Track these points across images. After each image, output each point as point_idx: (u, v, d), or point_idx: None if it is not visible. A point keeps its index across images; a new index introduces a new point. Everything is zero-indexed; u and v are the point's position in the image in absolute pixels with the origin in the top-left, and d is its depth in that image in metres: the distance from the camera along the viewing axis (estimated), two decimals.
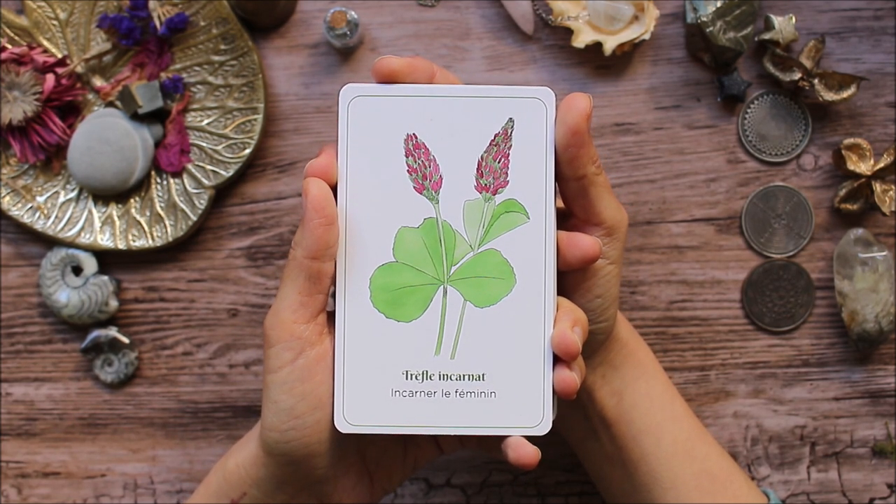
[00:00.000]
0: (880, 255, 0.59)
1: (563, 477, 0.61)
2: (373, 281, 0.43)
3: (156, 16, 0.59)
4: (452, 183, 0.43)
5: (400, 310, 0.43)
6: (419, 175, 0.43)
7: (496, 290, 0.43)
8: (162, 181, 0.61)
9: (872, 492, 0.61)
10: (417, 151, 0.43)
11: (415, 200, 0.43)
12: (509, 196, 0.43)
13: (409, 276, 0.43)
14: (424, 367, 0.43)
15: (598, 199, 0.43)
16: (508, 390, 0.43)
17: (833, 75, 0.59)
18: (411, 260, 0.43)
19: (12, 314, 0.62)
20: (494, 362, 0.43)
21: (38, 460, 0.62)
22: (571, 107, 0.41)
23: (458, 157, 0.43)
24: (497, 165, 0.43)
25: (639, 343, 0.51)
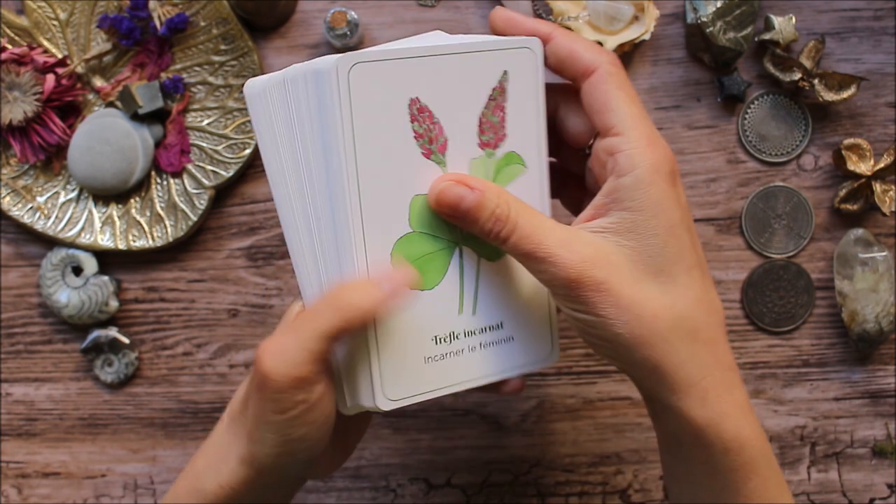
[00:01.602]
0: (880, 255, 0.59)
1: (563, 477, 0.61)
2: (394, 255, 0.42)
3: (156, 16, 0.59)
4: (456, 143, 0.42)
5: (423, 279, 0.43)
6: (425, 140, 0.42)
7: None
8: (162, 181, 0.61)
9: (872, 492, 0.61)
10: (422, 115, 0.42)
11: (424, 167, 0.42)
12: (509, 149, 0.43)
13: (427, 243, 0.43)
14: (451, 329, 0.44)
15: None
16: (523, 332, 0.45)
17: (833, 75, 0.59)
18: (427, 227, 0.42)
19: (12, 314, 0.62)
20: (509, 309, 0.45)
21: (38, 460, 0.62)
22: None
23: (460, 117, 0.42)
24: (496, 120, 0.43)
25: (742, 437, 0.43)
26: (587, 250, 0.40)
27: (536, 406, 0.61)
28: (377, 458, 0.61)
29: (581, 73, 0.42)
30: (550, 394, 0.61)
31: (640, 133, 0.40)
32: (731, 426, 0.41)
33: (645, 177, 0.40)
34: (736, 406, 0.42)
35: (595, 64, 0.41)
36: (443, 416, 0.61)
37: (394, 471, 0.61)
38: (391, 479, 0.61)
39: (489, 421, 0.61)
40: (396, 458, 0.61)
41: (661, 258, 0.40)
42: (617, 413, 0.61)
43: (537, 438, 0.61)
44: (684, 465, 0.44)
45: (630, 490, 0.61)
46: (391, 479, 0.61)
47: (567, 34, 0.43)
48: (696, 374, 0.41)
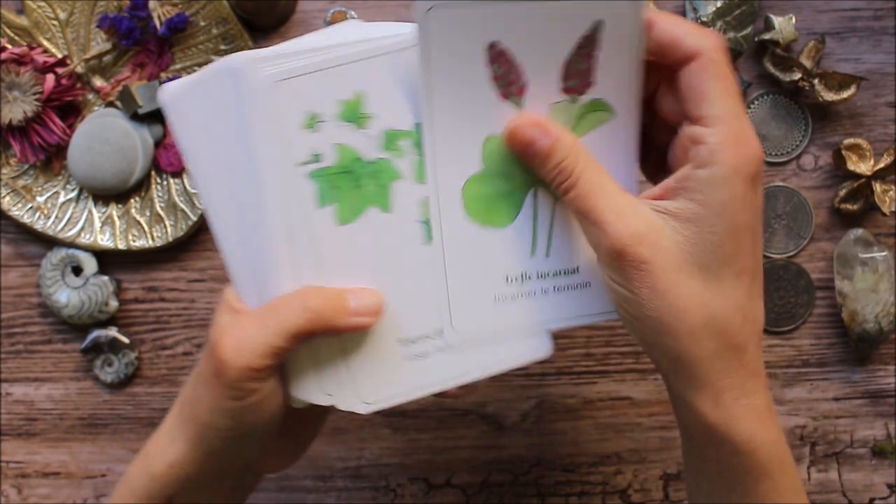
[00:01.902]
0: (880, 255, 0.59)
1: (563, 477, 0.61)
2: (465, 192, 0.42)
3: (156, 16, 0.59)
4: (537, 87, 0.41)
5: (494, 216, 0.42)
6: (503, 82, 0.41)
7: None
8: (162, 181, 0.61)
9: (872, 492, 0.61)
10: (500, 59, 0.40)
11: (500, 107, 0.41)
12: (595, 96, 0.42)
13: (499, 182, 0.42)
14: (523, 269, 0.43)
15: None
16: (596, 279, 0.44)
17: (833, 75, 0.59)
18: (500, 167, 0.42)
19: (12, 314, 0.62)
20: (586, 255, 0.44)
21: (38, 460, 0.62)
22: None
23: (542, 62, 0.41)
24: (583, 67, 0.41)
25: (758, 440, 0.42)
26: (640, 225, 0.39)
27: (536, 406, 0.61)
28: (377, 458, 0.61)
29: (682, 59, 0.40)
30: (550, 394, 0.61)
31: (729, 129, 0.39)
32: (744, 429, 0.41)
33: (722, 175, 0.39)
34: (752, 410, 0.41)
35: (698, 50, 0.40)
36: (442, 416, 0.61)
37: (394, 471, 0.61)
38: (391, 479, 0.61)
39: (489, 421, 0.61)
40: (396, 458, 0.61)
41: (712, 256, 0.40)
42: (617, 413, 0.61)
43: (537, 438, 0.61)
44: (697, 460, 0.44)
45: (630, 490, 0.61)
46: (391, 479, 0.61)
47: (670, 19, 0.41)
48: (715, 374, 0.41)
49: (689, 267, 0.40)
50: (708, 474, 0.43)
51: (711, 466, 0.43)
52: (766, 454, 0.41)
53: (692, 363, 0.40)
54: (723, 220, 0.39)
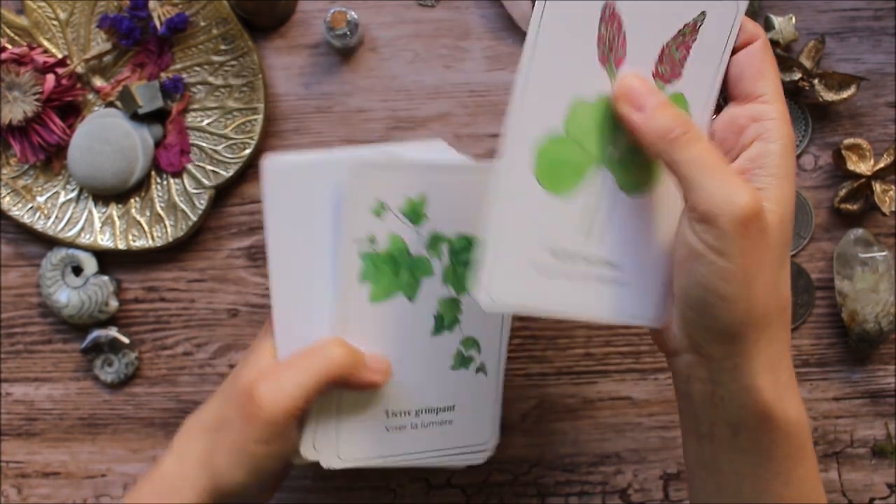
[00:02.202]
0: (880, 255, 0.59)
1: (563, 477, 0.61)
2: (540, 150, 0.40)
3: (156, 16, 0.59)
4: (632, 63, 0.41)
5: (558, 183, 0.41)
6: (607, 46, 0.40)
7: (644, 179, 0.43)
8: (162, 181, 0.61)
9: (872, 492, 0.61)
10: (612, 21, 0.40)
11: (595, 71, 0.41)
12: (679, 90, 0.42)
13: (574, 151, 0.41)
14: (572, 247, 0.42)
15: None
16: (640, 283, 0.43)
17: (833, 75, 0.59)
18: (580, 135, 0.41)
19: (12, 314, 0.62)
20: (632, 253, 0.43)
21: (38, 460, 0.62)
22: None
23: (645, 39, 0.41)
24: (677, 56, 0.42)
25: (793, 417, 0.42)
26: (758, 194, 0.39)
27: (536, 406, 0.61)
28: None
29: (744, 40, 0.42)
30: (550, 394, 0.61)
31: (783, 107, 0.41)
32: (794, 410, 0.41)
33: (787, 148, 0.41)
34: (797, 390, 0.42)
35: (757, 35, 0.42)
36: None
37: (394, 471, 0.61)
38: (391, 479, 0.61)
39: None
40: None
41: (789, 231, 0.41)
42: (617, 413, 0.61)
43: (537, 438, 0.61)
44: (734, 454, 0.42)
45: (630, 490, 0.61)
46: (391, 479, 0.61)
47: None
48: (779, 355, 0.41)
49: (781, 243, 0.40)
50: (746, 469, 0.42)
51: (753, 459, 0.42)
52: (806, 435, 0.42)
53: (764, 346, 0.40)
54: (791, 194, 0.40)
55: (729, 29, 0.42)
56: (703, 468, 0.45)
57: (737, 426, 0.42)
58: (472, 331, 0.51)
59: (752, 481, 0.42)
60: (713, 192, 0.38)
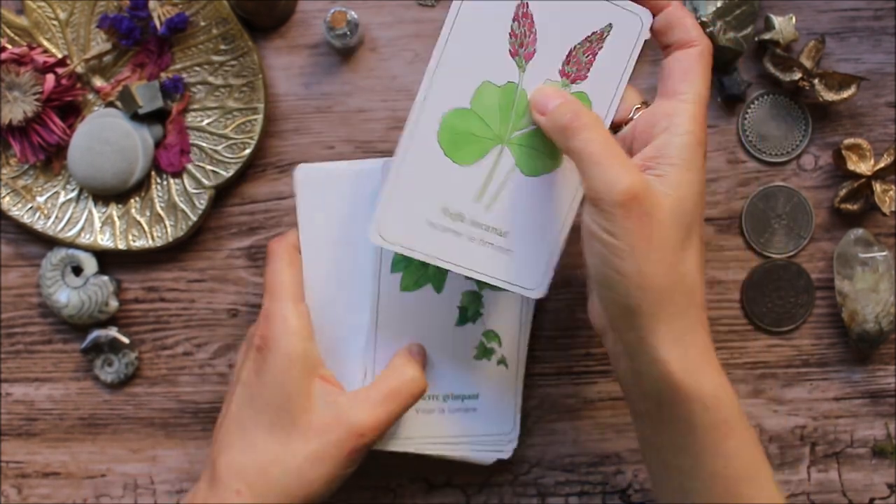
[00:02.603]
0: (880, 255, 0.59)
1: (563, 477, 0.61)
2: (444, 119, 0.47)
3: (156, 16, 0.59)
4: (542, 60, 0.47)
5: (458, 152, 0.47)
6: (518, 41, 0.46)
7: (543, 165, 0.48)
8: (162, 181, 0.61)
9: (872, 492, 0.61)
10: (524, 20, 0.46)
11: (506, 62, 0.46)
12: (582, 89, 0.47)
13: (476, 125, 0.47)
14: (462, 209, 0.48)
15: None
16: (522, 253, 0.48)
17: (833, 75, 0.59)
18: (483, 113, 0.47)
19: (12, 314, 0.62)
20: (520, 225, 0.48)
21: (38, 460, 0.62)
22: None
23: (555, 40, 0.47)
24: (584, 59, 0.47)
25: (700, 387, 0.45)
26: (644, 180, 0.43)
27: (536, 406, 0.61)
28: (377, 458, 0.61)
29: (681, 42, 0.46)
30: (550, 394, 0.61)
31: (700, 111, 0.45)
32: (709, 383, 0.43)
33: (695, 143, 0.44)
34: (713, 365, 0.44)
35: (697, 41, 0.45)
36: None
37: (394, 471, 0.61)
38: (391, 479, 0.61)
39: None
40: (396, 458, 0.61)
41: (689, 216, 0.44)
42: (617, 413, 0.61)
43: (537, 438, 0.61)
44: (663, 428, 0.45)
45: (630, 490, 0.61)
46: (391, 479, 0.61)
47: (683, 8, 0.47)
48: (685, 330, 0.43)
49: (676, 225, 0.43)
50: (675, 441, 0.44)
51: (680, 429, 0.44)
52: (729, 409, 0.44)
53: (667, 319, 0.43)
54: (697, 184, 0.44)
55: (634, 41, 0.47)
56: (646, 446, 0.48)
57: (657, 399, 0.44)
58: (493, 324, 0.56)
59: (685, 455, 0.44)
60: (598, 176, 0.42)
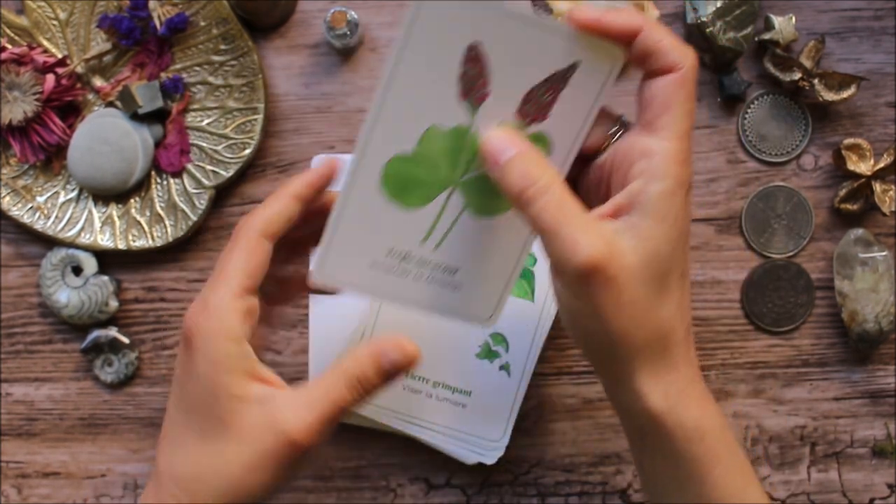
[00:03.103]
0: (880, 255, 0.59)
1: (563, 477, 0.61)
2: (388, 166, 0.43)
3: (156, 16, 0.59)
4: (496, 101, 0.43)
5: (405, 197, 0.44)
6: (469, 84, 0.42)
7: (496, 206, 0.45)
8: (162, 181, 0.61)
9: (872, 492, 0.61)
10: (476, 62, 0.42)
11: (455, 105, 0.43)
12: (542, 129, 0.43)
13: (423, 171, 0.44)
14: (408, 249, 0.45)
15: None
16: (472, 288, 0.46)
17: (833, 75, 0.59)
18: (431, 158, 0.44)
19: (12, 314, 0.62)
20: (469, 263, 0.46)
21: (38, 460, 0.62)
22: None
23: (512, 80, 0.42)
24: (544, 99, 0.43)
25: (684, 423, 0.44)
26: (607, 243, 0.40)
27: (536, 406, 0.61)
28: (377, 458, 0.61)
29: (661, 69, 0.41)
30: (550, 394, 0.61)
31: (682, 147, 0.41)
32: (691, 417, 0.43)
33: (672, 188, 0.40)
34: (696, 399, 0.43)
35: (679, 65, 0.41)
36: None
37: (394, 471, 0.61)
38: (391, 479, 0.61)
39: None
40: (396, 458, 0.61)
41: (665, 265, 0.41)
42: None
43: (537, 438, 0.61)
44: (650, 456, 0.45)
45: (630, 490, 0.61)
46: (391, 479, 0.61)
47: (658, 28, 0.41)
48: (664, 370, 0.42)
49: (648, 279, 0.41)
50: (661, 469, 0.44)
51: (664, 460, 0.44)
52: (714, 439, 0.43)
53: (642, 367, 0.42)
54: (674, 231, 0.41)
55: (603, 80, 0.43)
56: (639, 469, 0.47)
57: (640, 431, 0.44)
58: (503, 328, 0.56)
59: (671, 482, 0.44)
60: (556, 247, 0.40)
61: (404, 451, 0.61)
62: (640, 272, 0.40)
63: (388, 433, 0.59)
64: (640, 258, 0.40)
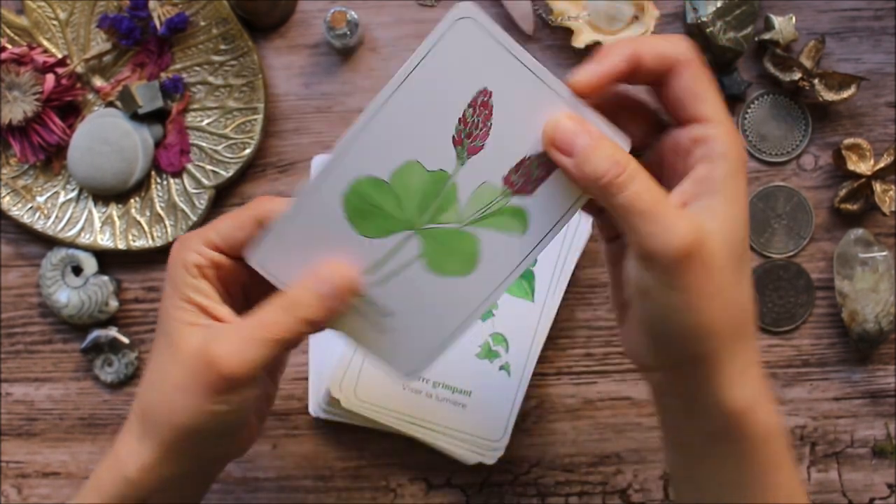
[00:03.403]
0: (880, 255, 0.59)
1: (563, 477, 0.61)
2: (356, 184, 0.40)
3: (156, 16, 0.59)
4: (488, 158, 0.40)
5: (361, 222, 0.41)
6: (466, 130, 0.40)
7: (450, 268, 0.42)
8: (162, 181, 0.61)
9: (872, 492, 0.61)
10: (481, 109, 0.39)
11: (445, 147, 0.40)
12: (523, 205, 0.41)
13: (389, 202, 0.41)
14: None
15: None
16: (400, 338, 0.43)
17: (833, 75, 0.59)
18: (402, 192, 0.41)
19: (12, 314, 0.62)
20: (409, 312, 0.43)
21: (38, 460, 0.62)
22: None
23: (510, 141, 0.40)
24: (535, 173, 0.41)
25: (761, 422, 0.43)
26: (697, 227, 0.38)
27: (536, 406, 0.61)
28: (377, 458, 0.61)
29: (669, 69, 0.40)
30: (550, 394, 0.61)
31: (728, 126, 0.40)
32: (766, 417, 0.41)
33: (734, 168, 0.40)
34: (769, 398, 0.42)
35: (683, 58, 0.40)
36: None
37: (394, 471, 0.61)
38: (391, 479, 0.61)
39: None
40: (396, 458, 0.61)
41: (742, 246, 0.40)
42: (617, 413, 0.61)
43: (537, 438, 0.61)
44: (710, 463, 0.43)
45: (630, 490, 0.61)
46: (391, 479, 0.61)
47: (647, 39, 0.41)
48: (745, 366, 0.41)
49: (730, 262, 0.40)
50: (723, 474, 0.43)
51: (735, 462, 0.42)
52: (782, 441, 0.42)
53: (729, 358, 0.40)
54: (745, 212, 0.40)
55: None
56: (683, 478, 0.46)
57: (713, 436, 0.42)
58: (504, 328, 0.55)
59: (731, 489, 0.43)
60: (649, 233, 0.38)
61: (404, 451, 0.61)
62: (725, 256, 0.39)
63: (388, 433, 0.59)
64: (723, 241, 0.39)
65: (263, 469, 0.61)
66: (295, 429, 0.61)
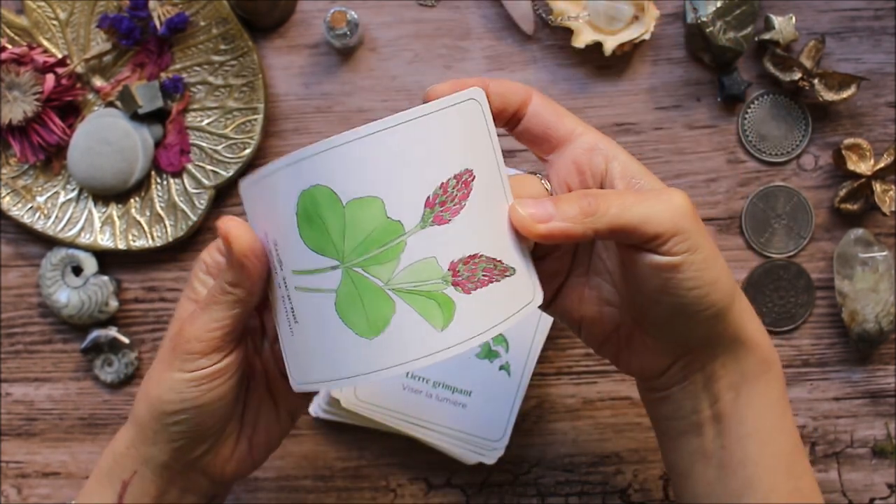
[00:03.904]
0: (880, 255, 0.59)
1: (563, 477, 0.61)
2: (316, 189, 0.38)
3: (156, 16, 0.59)
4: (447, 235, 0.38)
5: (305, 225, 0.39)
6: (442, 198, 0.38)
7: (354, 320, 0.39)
8: (162, 181, 0.61)
9: (872, 492, 0.61)
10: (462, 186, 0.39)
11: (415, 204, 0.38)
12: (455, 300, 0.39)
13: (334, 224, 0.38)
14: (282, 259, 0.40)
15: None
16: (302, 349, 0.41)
17: (833, 75, 0.59)
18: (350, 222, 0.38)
19: (12, 314, 0.62)
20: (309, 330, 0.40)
21: (38, 460, 0.62)
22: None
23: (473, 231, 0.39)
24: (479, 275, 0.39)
25: (766, 341, 0.46)
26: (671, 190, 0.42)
27: (536, 406, 0.61)
28: (377, 458, 0.61)
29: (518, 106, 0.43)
30: (550, 394, 0.61)
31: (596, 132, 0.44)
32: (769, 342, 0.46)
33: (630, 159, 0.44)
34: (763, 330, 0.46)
35: (525, 98, 0.43)
36: None
37: (394, 471, 0.61)
38: (391, 479, 0.61)
39: None
40: (396, 458, 0.61)
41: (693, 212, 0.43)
42: (617, 413, 0.61)
43: (537, 438, 0.61)
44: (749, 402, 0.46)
45: (630, 490, 0.61)
46: (391, 479, 0.61)
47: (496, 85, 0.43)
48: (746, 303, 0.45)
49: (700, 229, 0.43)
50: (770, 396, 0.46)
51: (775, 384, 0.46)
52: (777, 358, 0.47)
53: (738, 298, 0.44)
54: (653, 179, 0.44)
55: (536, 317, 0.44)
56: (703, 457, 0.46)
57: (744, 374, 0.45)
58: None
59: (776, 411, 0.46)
60: (653, 212, 0.40)
61: (404, 451, 0.61)
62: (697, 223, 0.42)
63: (388, 433, 0.59)
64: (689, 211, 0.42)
65: (263, 469, 0.61)
66: (295, 429, 0.61)
